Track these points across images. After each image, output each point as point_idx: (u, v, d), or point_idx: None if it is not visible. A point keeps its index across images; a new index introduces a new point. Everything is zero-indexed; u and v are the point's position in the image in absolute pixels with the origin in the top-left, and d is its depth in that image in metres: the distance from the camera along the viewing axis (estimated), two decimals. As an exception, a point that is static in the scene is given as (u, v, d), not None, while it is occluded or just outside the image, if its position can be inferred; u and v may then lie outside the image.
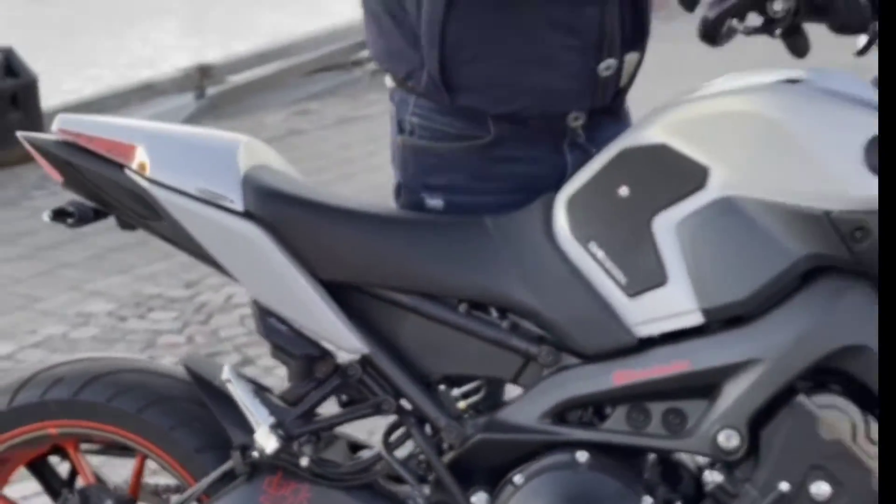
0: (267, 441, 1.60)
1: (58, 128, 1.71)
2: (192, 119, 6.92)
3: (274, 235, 1.61)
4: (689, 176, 1.51)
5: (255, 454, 1.62)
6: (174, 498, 1.71)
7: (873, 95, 1.48)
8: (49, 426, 1.75)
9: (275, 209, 1.61)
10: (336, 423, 1.67)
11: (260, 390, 1.65)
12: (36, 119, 6.22)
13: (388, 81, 1.80)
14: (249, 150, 1.68)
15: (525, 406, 1.60)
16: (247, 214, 1.61)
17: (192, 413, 1.72)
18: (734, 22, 1.42)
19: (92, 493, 1.76)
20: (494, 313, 1.63)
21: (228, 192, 1.61)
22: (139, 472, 1.81)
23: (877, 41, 1.45)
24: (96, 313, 3.92)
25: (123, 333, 3.75)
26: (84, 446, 1.83)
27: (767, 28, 1.43)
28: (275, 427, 1.61)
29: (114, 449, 1.82)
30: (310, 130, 6.47)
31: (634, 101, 1.83)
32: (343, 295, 1.63)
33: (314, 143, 6.14)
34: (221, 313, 3.86)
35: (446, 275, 1.62)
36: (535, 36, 1.66)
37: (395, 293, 1.63)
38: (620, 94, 1.77)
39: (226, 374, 1.64)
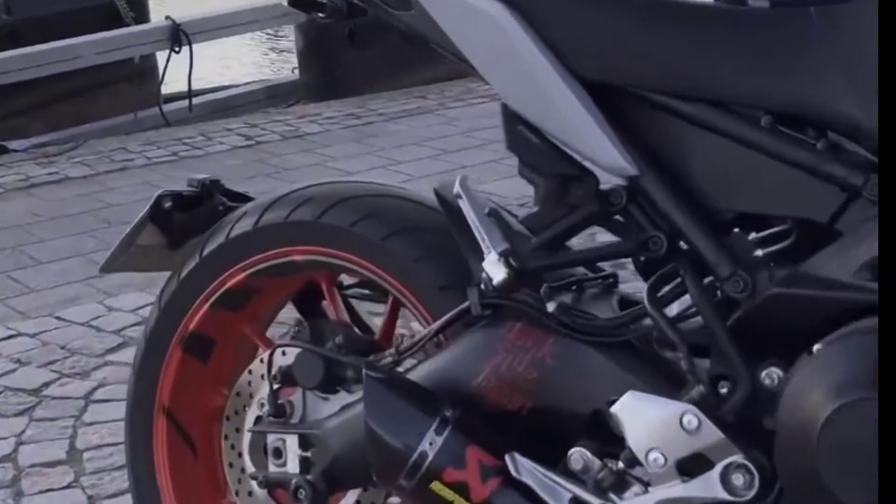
0: (495, 271, 1.28)
1: None
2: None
3: (522, 16, 1.28)
4: None
5: (491, 290, 1.32)
6: (405, 339, 1.44)
7: None
8: (292, 252, 1.55)
9: None
10: (585, 260, 1.33)
11: (498, 211, 1.34)
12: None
13: None
14: None
15: (841, 254, 1.19)
16: None
17: (440, 246, 1.45)
18: None
19: (325, 328, 1.54)
20: (811, 131, 1.21)
21: None
22: (392, 317, 1.57)
23: None
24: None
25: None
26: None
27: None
28: (507, 255, 1.29)
29: (367, 290, 1.60)
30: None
31: None
32: (608, 98, 1.28)
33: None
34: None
35: (745, 76, 1.23)
36: None
37: (676, 100, 1.26)
38: None
39: (456, 188, 1.34)
